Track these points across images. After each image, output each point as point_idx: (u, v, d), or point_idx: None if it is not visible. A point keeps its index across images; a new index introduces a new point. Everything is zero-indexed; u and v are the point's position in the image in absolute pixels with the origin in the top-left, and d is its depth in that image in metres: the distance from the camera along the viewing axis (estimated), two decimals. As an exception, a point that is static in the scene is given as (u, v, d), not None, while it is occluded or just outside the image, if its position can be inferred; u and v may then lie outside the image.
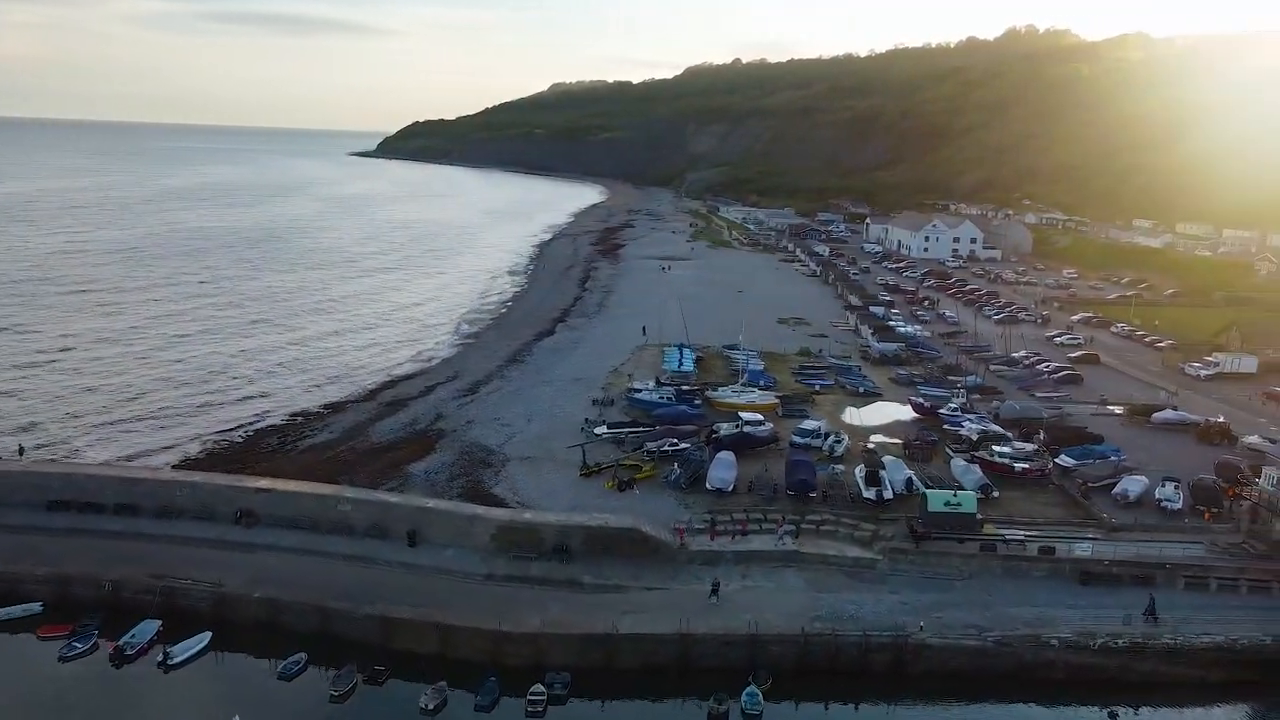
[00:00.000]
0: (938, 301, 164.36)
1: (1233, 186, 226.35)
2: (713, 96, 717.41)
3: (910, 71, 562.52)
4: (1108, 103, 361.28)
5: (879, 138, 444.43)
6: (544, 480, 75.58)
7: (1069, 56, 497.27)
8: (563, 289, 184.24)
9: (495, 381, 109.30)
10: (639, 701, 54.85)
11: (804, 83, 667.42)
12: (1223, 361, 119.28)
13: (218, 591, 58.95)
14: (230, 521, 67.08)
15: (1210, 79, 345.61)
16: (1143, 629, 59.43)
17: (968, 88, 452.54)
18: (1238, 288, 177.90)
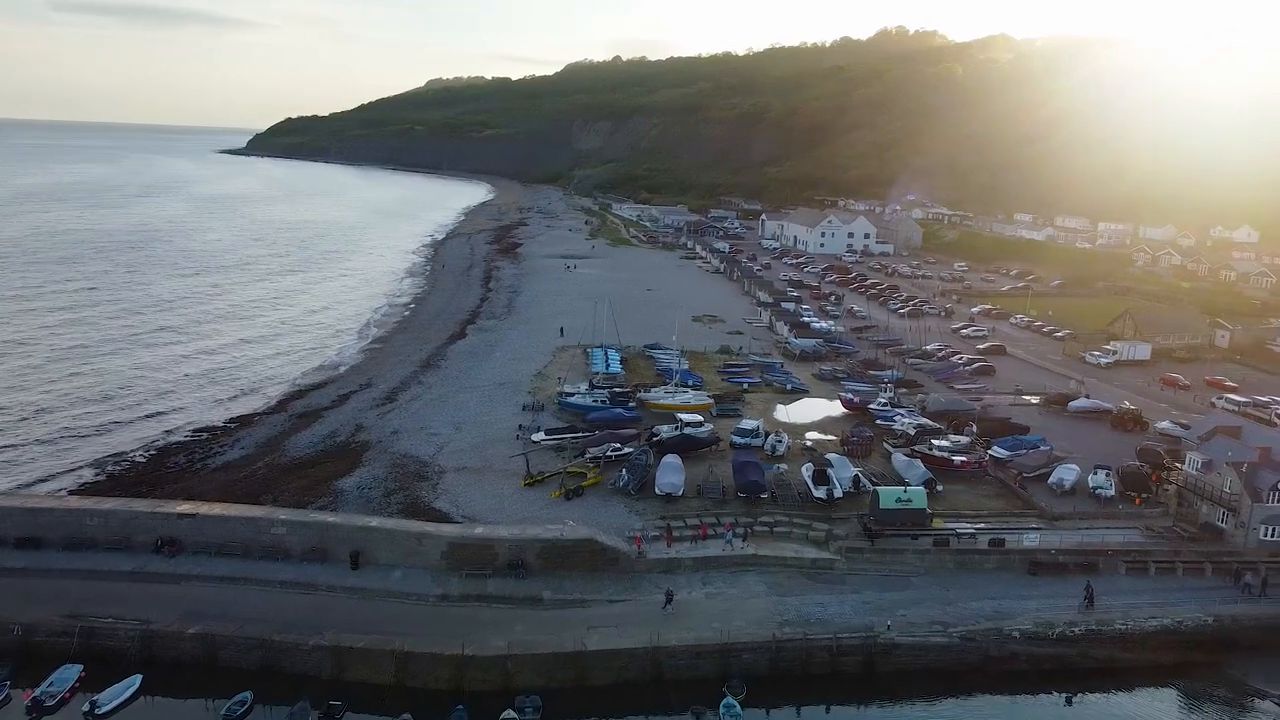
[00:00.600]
0: (843, 297, 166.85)
1: (1105, 181, 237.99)
2: (596, 94, 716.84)
3: (791, 70, 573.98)
4: (981, 101, 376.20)
5: (766, 135, 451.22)
6: (487, 492, 72.48)
7: (941, 57, 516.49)
8: (466, 290, 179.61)
9: (413, 388, 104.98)
10: (626, 709, 52.84)
11: (687, 80, 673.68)
12: (1120, 349, 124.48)
13: (145, 630, 54.02)
14: (150, 551, 61.84)
15: (1073, 79, 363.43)
16: (1098, 616, 60.65)
17: (849, 86, 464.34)
18: (1118, 278, 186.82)
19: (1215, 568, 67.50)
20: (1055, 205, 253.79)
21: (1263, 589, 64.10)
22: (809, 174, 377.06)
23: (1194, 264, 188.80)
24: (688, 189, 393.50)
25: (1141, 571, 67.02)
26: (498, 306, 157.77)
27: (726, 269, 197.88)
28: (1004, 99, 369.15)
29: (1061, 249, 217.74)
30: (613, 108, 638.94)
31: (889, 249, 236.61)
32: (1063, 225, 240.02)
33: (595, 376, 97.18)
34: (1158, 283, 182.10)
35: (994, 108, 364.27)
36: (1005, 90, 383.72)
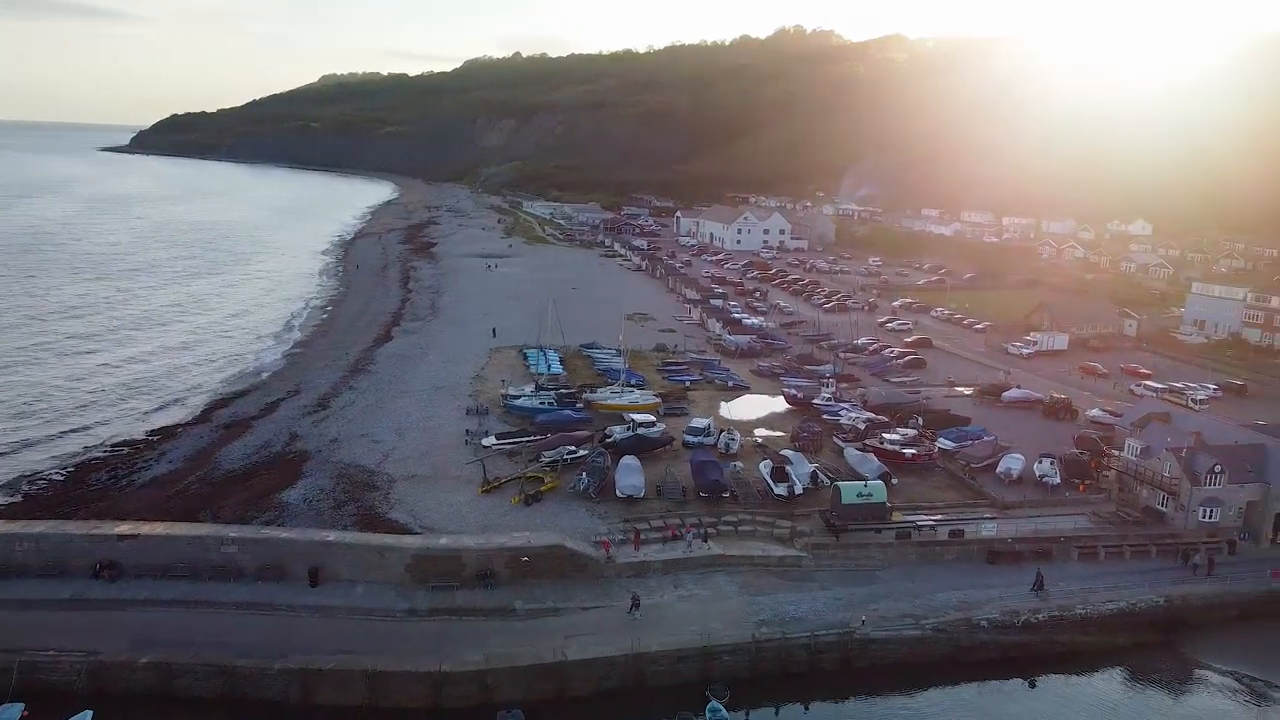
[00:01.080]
0: (767, 293, 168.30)
1: (1005, 177, 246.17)
2: (498, 90, 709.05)
3: (696, 68, 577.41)
4: (883, 100, 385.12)
5: (674, 132, 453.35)
6: (443, 500, 70.23)
7: (840, 56, 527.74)
8: (384, 291, 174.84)
9: (346, 394, 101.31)
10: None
11: (590, 78, 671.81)
12: (1040, 340, 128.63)
13: (93, 661, 50.48)
14: (88, 576, 57.86)
15: (967, 78, 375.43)
16: (1059, 603, 62.14)
17: (755, 85, 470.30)
18: (1026, 270, 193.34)
19: (1159, 550, 70.10)
20: (959, 200, 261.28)
21: (1209, 568, 66.68)
22: (719, 171, 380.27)
23: (1096, 256, 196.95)
24: (598, 186, 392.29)
25: (1092, 557, 69.11)
26: (421, 308, 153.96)
27: (648, 266, 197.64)
28: (904, 97, 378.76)
29: (970, 243, 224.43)
30: (516, 105, 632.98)
31: (803, 244, 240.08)
32: (969, 220, 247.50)
33: (540, 378, 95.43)
34: (1063, 275, 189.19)
35: (895, 106, 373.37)
36: (904, 89, 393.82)
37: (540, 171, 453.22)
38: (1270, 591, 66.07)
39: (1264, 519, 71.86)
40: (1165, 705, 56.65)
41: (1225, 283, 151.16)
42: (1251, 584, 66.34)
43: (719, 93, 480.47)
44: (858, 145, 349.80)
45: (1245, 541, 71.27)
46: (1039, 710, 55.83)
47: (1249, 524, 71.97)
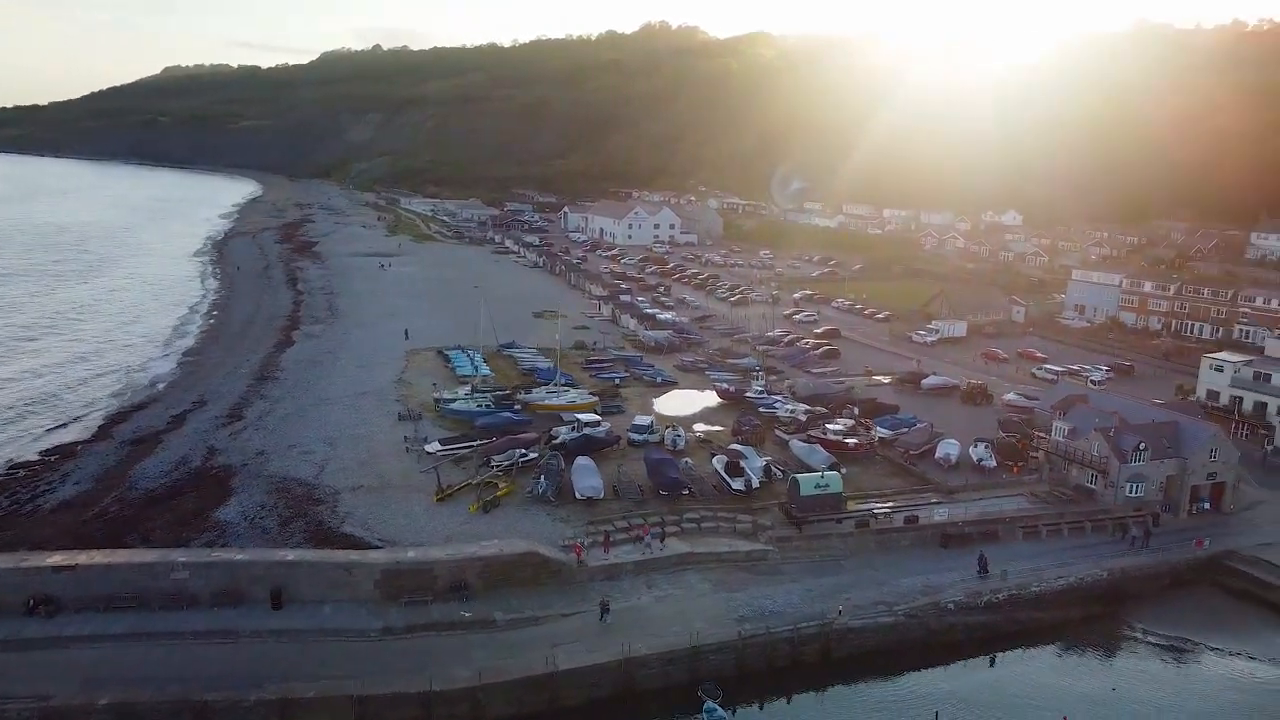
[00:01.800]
0: (670, 288, 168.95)
1: (881, 170, 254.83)
2: (360, 84, 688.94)
3: (566, 63, 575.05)
4: (756, 95, 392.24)
5: (550, 127, 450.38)
6: (395, 511, 67.46)
7: (710, 52, 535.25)
8: (271, 293, 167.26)
9: (258, 404, 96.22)
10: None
11: (456, 71, 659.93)
12: (941, 328, 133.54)
13: (44, 707, 46.15)
14: (21, 613, 52.89)
15: (835, 74, 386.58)
16: (1016, 582, 64.47)
17: (627, 80, 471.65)
18: (911, 261, 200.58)
19: (1094, 526, 73.67)
20: (838, 193, 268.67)
21: (1145, 540, 70.49)
22: (597, 166, 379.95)
23: (976, 246, 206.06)
24: (476, 182, 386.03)
25: (1035, 535, 72.02)
26: (317, 309, 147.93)
27: (546, 263, 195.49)
28: (777, 93, 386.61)
29: (854, 235, 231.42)
30: (382, 99, 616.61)
31: (693, 239, 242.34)
32: (851, 213, 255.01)
33: (474, 380, 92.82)
34: (946, 264, 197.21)
35: (769, 101, 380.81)
36: (776, 84, 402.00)
37: (415, 167, 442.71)
38: (1196, 559, 70.27)
39: (1182, 492, 76.39)
40: (1114, 671, 59.42)
41: (1094, 269, 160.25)
42: (1179, 553, 70.41)
43: (593, 87, 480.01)
44: (733, 140, 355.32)
45: (1166, 514, 75.57)
46: (1002, 686, 57.60)
47: (1168, 497, 76.36)
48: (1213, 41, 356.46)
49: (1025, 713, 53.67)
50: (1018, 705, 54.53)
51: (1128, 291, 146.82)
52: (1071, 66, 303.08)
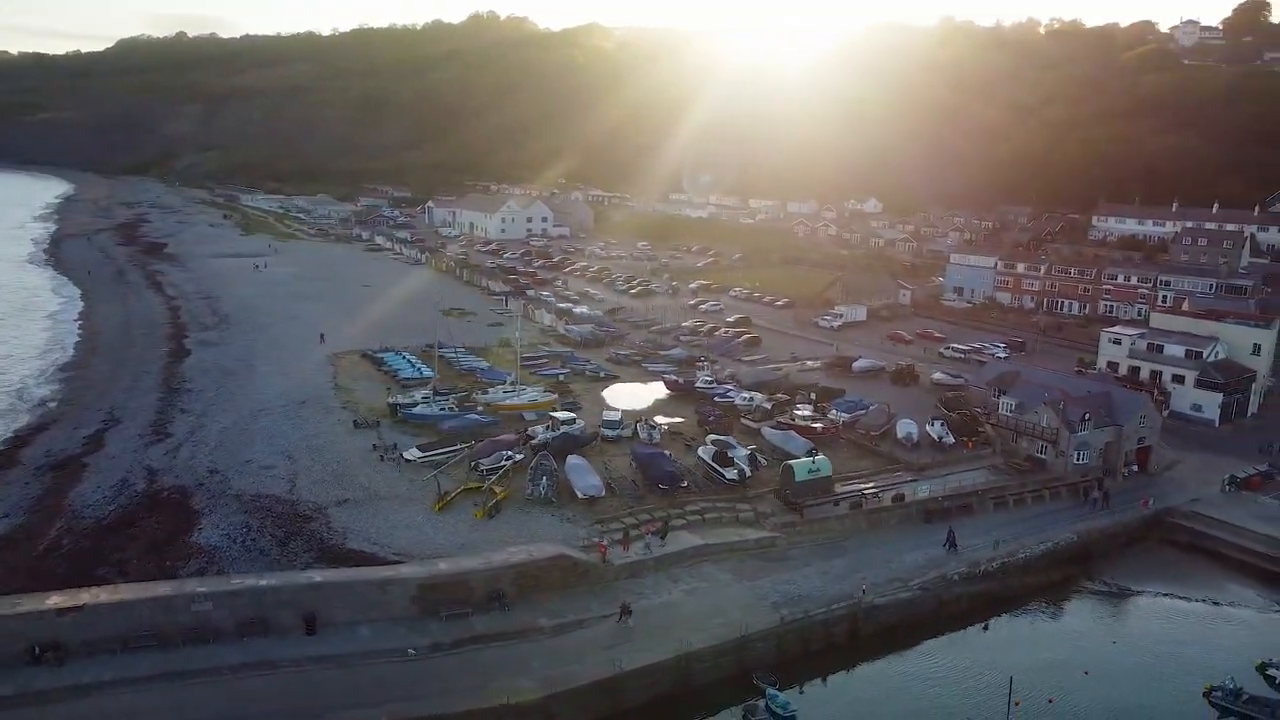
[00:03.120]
0: (568, 281, 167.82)
1: (749, 161, 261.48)
2: (169, 74, 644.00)
3: (401, 54, 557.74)
4: (602, 86, 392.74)
5: (394, 120, 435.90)
6: (396, 522, 64.68)
7: (548, 43, 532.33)
8: (137, 298, 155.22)
9: (182, 418, 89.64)
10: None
11: (276, 61, 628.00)
12: (845, 313, 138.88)
13: (89, 763, 41.95)
14: (25, 663, 47.66)
15: (675, 66, 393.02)
16: (1007, 550, 68.37)
17: (471, 71, 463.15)
18: (787, 249, 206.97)
19: (1051, 493, 78.91)
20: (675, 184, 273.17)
21: (1105, 501, 76.13)
22: (449, 159, 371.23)
23: (848, 234, 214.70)
24: (319, 177, 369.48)
25: (1004, 506, 76.47)
26: (203, 316, 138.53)
27: (429, 260, 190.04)
28: (624, 84, 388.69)
29: (726, 225, 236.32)
30: (199, 90, 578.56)
31: (566, 231, 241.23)
32: (719, 203, 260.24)
33: (434, 382, 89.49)
34: (820, 252, 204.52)
35: (617, 92, 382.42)
36: (623, 75, 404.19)
37: (250, 162, 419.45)
38: (1144, 518, 76.62)
39: (1118, 457, 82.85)
40: (1092, 626, 64.40)
41: (968, 253, 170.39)
42: (1131, 514, 76.54)
43: (434, 79, 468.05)
44: (586, 131, 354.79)
45: (1106, 478, 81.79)
46: (1000, 647, 61.11)
47: (1107, 462, 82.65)
48: (1024, 37, 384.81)
49: (1051, 670, 56.91)
50: (1040, 665, 57.80)
51: (1002, 273, 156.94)
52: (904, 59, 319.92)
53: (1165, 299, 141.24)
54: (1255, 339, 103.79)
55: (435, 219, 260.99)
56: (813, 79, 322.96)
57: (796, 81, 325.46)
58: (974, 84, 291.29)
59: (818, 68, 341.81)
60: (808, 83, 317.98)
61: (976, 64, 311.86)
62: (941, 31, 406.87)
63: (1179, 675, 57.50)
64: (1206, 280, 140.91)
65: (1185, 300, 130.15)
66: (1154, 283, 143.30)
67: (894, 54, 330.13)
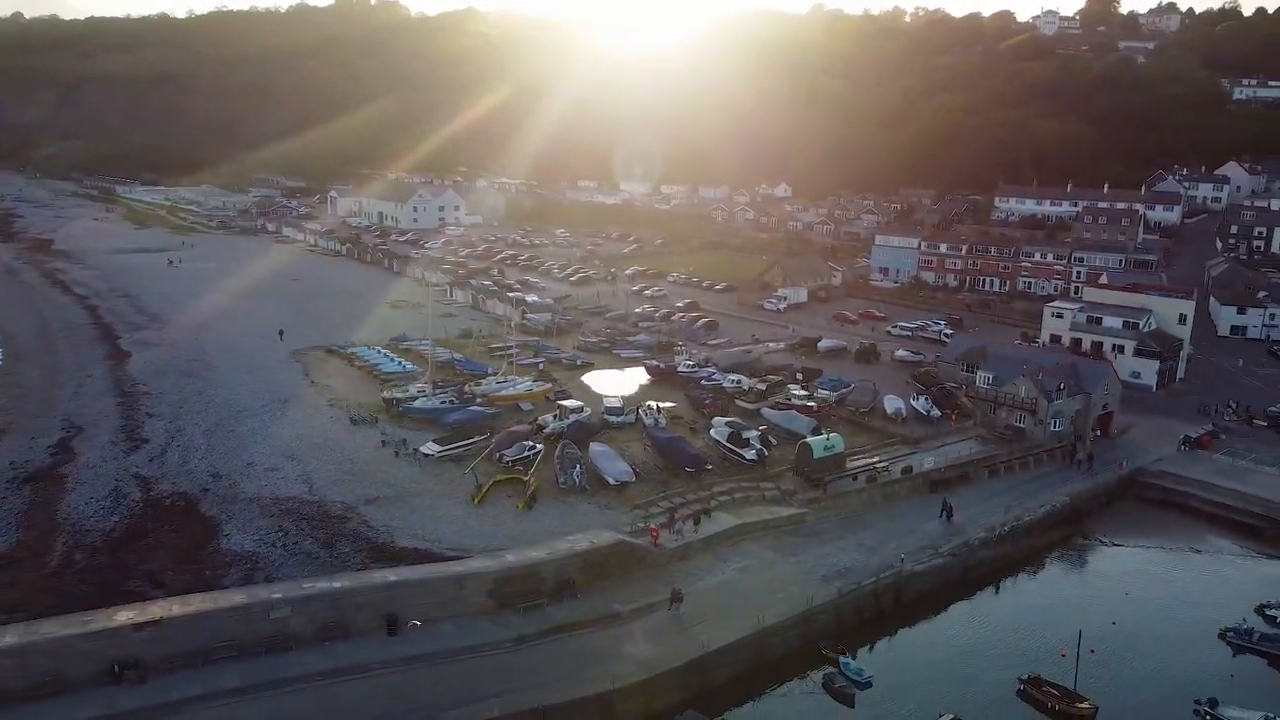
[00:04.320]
0: (503, 270, 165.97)
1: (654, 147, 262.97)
2: (9, 56, 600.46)
3: (275, 39, 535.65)
4: (492, 73, 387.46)
5: (275, 108, 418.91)
6: (437, 517, 63.79)
7: (428, 28, 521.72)
8: (45, 300, 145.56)
9: (156, 424, 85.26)
10: (768, 705, 51.78)
11: (130, 45, 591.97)
12: (789, 295, 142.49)
13: (210, 780, 40.46)
14: (105, 683, 45.28)
15: (569, 54, 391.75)
16: (1015, 514, 72.31)
17: (354, 57, 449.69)
18: (706, 234, 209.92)
19: (1035, 460, 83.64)
20: (611, 171, 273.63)
21: (1089, 463, 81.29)
22: (339, 148, 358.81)
23: (765, 218, 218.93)
24: (200, 167, 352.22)
25: (996, 474, 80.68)
26: (127, 315, 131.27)
27: (353, 251, 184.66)
28: (511, 71, 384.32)
29: (640, 211, 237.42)
30: (48, 75, 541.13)
31: (478, 219, 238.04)
32: (631, 189, 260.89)
33: (431, 376, 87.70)
34: (740, 236, 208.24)
35: (504, 80, 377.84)
36: (506, 64, 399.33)
37: (120, 152, 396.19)
38: (1120, 479, 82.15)
39: (1086, 423, 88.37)
40: (1102, 579, 69.19)
41: (891, 235, 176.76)
42: (1109, 475, 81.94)
43: (314, 65, 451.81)
44: (486, 117, 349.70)
45: (1082, 444, 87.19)
46: (1028, 605, 65.03)
47: (1077, 429, 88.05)
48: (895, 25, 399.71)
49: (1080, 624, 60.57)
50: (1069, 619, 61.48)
51: (925, 253, 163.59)
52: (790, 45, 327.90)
53: (1079, 274, 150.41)
54: (1181, 309, 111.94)
55: (339, 209, 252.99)
56: (704, 63, 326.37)
57: (685, 68, 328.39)
58: (866, 72, 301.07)
59: (706, 54, 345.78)
60: (700, 67, 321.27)
61: (863, 52, 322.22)
62: (816, 19, 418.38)
63: (1190, 620, 62.40)
64: (1115, 256, 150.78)
65: (1102, 275, 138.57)
66: (1068, 259, 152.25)
67: (780, 41, 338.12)
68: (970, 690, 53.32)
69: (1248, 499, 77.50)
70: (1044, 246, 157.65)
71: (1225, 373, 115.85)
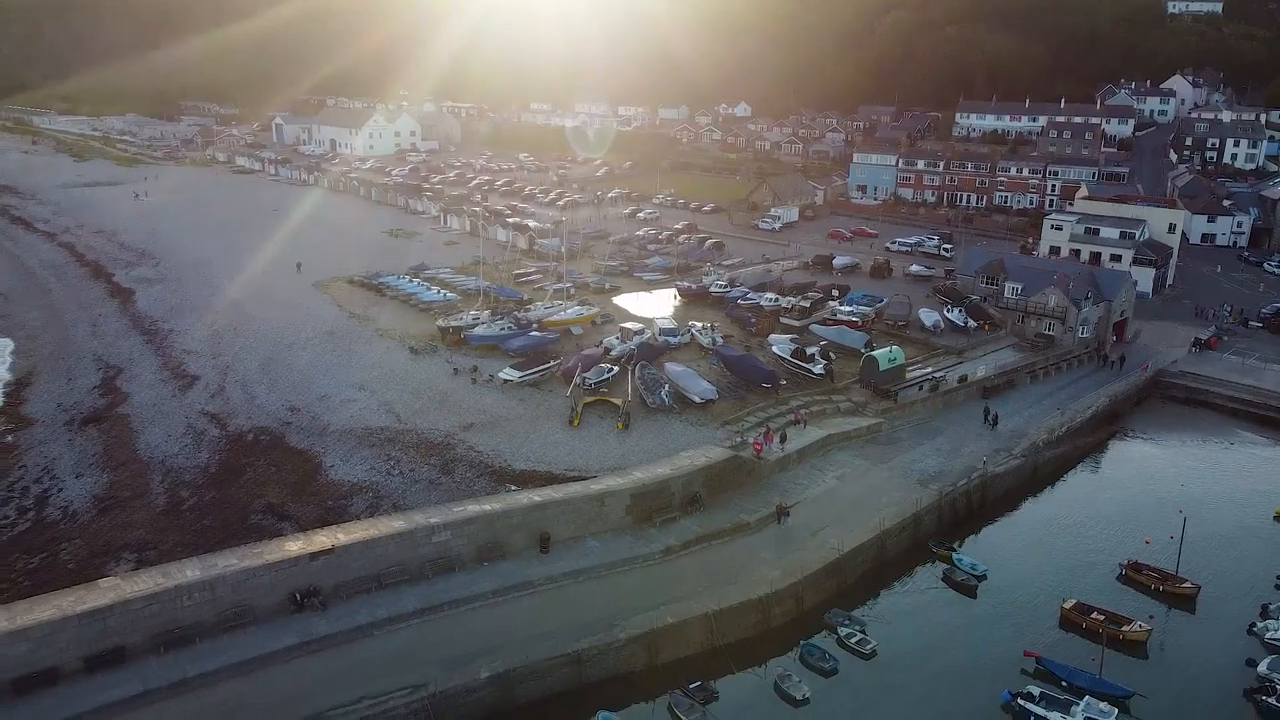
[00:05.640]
0: (487, 196, 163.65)
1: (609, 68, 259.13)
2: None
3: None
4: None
5: (190, 35, 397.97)
6: (544, 441, 64.74)
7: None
8: (14, 241, 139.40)
9: (197, 360, 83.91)
10: (896, 600, 54.79)
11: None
12: (782, 214, 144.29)
13: (430, 696, 41.77)
14: (290, 611, 45.89)
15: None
16: (1069, 415, 76.41)
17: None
18: (674, 155, 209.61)
19: (1067, 365, 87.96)
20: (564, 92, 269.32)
21: (1120, 364, 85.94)
22: (267, 74, 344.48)
23: (731, 138, 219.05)
24: (117, 96, 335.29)
25: (1037, 379, 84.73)
26: (114, 253, 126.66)
27: (318, 180, 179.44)
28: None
29: (602, 134, 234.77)
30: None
31: (435, 145, 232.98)
32: (587, 111, 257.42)
33: (490, 303, 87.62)
34: (707, 157, 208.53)
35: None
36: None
37: (24, 83, 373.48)
38: (1145, 380, 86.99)
39: (1106, 329, 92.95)
40: (1153, 472, 73.54)
41: (864, 151, 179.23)
42: (1137, 376, 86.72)
43: None
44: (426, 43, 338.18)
45: (1109, 348, 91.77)
46: (1096, 498, 69.06)
47: (1098, 335, 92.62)
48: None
49: (1150, 512, 65.10)
50: (1139, 509, 66.01)
51: (904, 170, 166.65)
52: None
53: (1054, 188, 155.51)
54: (1171, 219, 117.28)
55: (286, 136, 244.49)
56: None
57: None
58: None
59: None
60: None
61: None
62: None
63: (1246, 505, 67.37)
64: (1087, 169, 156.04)
65: (1080, 188, 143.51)
66: (1043, 174, 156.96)
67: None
68: (1075, 577, 57.15)
69: (1265, 394, 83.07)
70: (1020, 161, 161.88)
71: (1206, 278, 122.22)
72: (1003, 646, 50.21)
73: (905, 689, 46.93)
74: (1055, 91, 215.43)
